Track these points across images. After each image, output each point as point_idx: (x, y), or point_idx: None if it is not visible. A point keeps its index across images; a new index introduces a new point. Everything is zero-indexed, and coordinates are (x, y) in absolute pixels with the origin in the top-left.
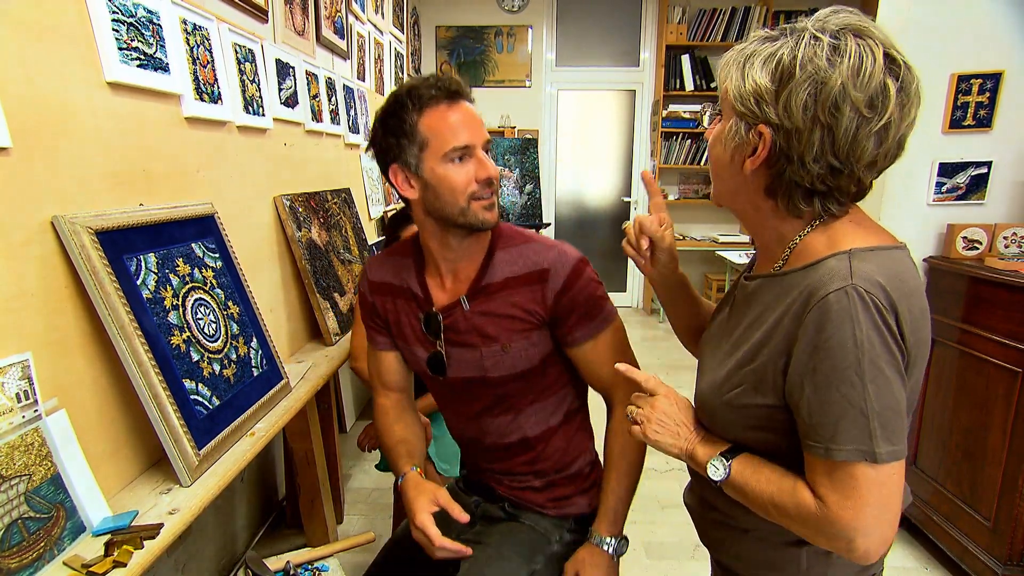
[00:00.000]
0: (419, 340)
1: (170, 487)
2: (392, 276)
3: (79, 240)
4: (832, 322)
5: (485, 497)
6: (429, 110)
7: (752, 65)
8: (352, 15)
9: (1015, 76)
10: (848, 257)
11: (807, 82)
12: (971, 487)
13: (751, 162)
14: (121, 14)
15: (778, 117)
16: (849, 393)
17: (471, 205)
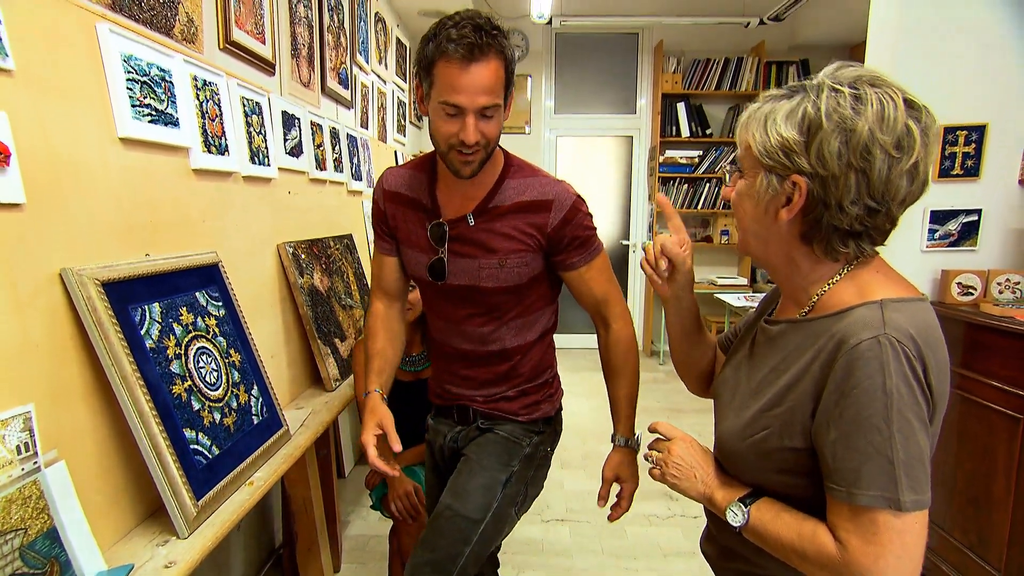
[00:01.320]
0: (424, 247)
1: (167, 538)
2: (405, 187)
3: (86, 291)
4: (862, 369)
5: (460, 420)
6: (444, 59)
7: (775, 121)
8: (356, 66)
9: (998, 128)
10: (880, 307)
11: (836, 131)
12: (979, 536)
13: (787, 212)
14: (136, 73)
15: (811, 166)
16: (875, 440)
17: (451, 153)
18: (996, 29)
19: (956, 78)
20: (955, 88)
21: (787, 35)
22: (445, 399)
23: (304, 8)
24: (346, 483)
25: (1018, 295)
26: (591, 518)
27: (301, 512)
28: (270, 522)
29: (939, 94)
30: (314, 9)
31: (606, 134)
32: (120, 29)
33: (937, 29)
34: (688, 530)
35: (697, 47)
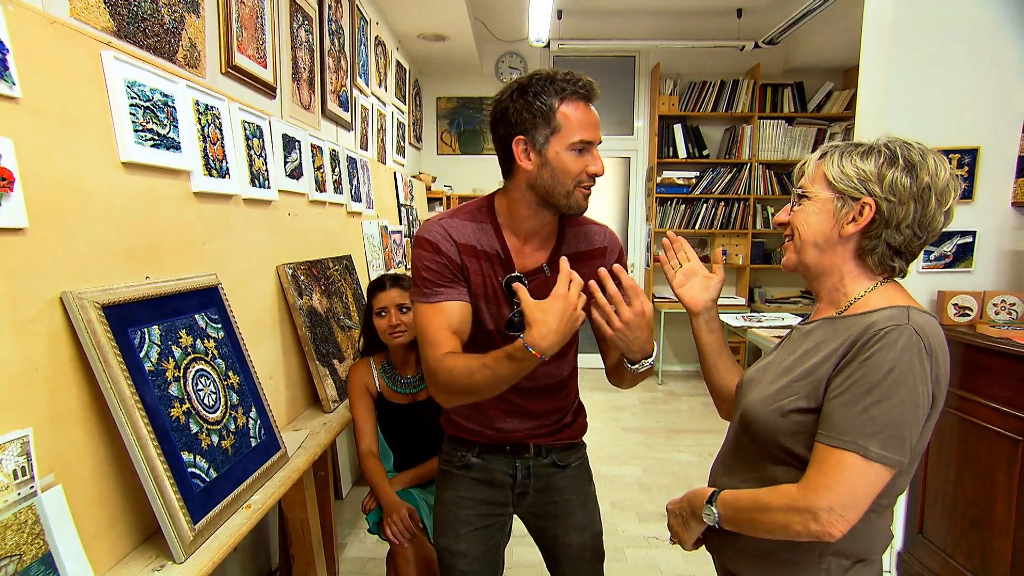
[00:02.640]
0: (500, 301)
1: (163, 563)
2: (476, 240)
3: (86, 315)
4: (878, 344)
5: (514, 452)
6: (569, 102)
7: (852, 158)
8: (356, 89)
9: (991, 152)
10: (907, 310)
11: (905, 170)
12: (982, 559)
13: (854, 226)
14: (139, 99)
15: (883, 192)
16: (865, 400)
17: (576, 190)
18: (987, 55)
19: (948, 102)
20: (948, 112)
21: (781, 58)
22: (496, 438)
23: (305, 32)
24: (344, 505)
25: (1014, 316)
26: None
27: (298, 534)
28: (266, 544)
29: (932, 118)
30: (315, 33)
31: (604, 155)
32: (125, 56)
33: (929, 54)
34: (687, 553)
35: (693, 70)
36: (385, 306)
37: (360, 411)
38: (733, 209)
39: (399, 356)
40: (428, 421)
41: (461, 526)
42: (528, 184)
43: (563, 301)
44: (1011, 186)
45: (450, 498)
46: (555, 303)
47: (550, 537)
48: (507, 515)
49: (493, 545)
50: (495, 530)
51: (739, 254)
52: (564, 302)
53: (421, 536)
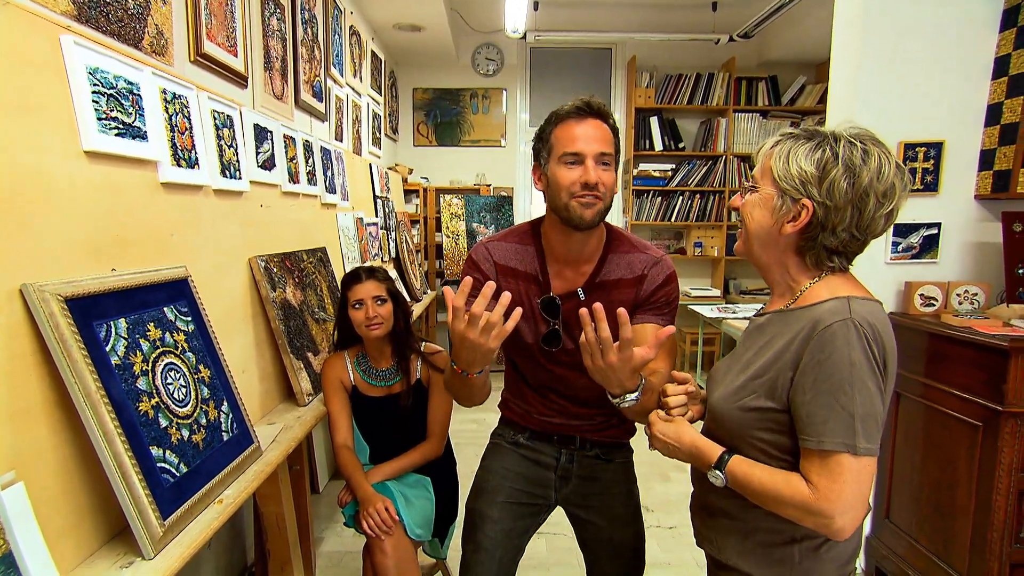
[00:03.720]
0: (536, 319)
1: (132, 560)
2: (516, 262)
3: (47, 308)
4: (832, 343)
5: (562, 443)
6: (561, 123)
7: (797, 156)
8: (331, 79)
9: (955, 145)
10: (847, 301)
11: (846, 174)
12: (944, 542)
13: (792, 226)
14: (102, 86)
15: (820, 196)
16: (840, 399)
17: (571, 202)
18: (953, 52)
19: (915, 97)
20: (914, 107)
21: (756, 52)
22: (545, 426)
23: (277, 21)
24: (320, 499)
25: (976, 306)
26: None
27: (273, 529)
28: (242, 540)
29: (899, 112)
30: (287, 22)
31: None
32: (85, 41)
33: (897, 50)
34: (664, 541)
35: (669, 63)
36: (361, 298)
37: (335, 405)
38: (709, 201)
39: (374, 349)
40: (403, 414)
41: (499, 494)
42: (549, 207)
43: (453, 330)
44: (974, 179)
45: (496, 467)
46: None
47: (591, 530)
48: (545, 503)
49: (522, 526)
50: (528, 512)
51: (714, 246)
52: (453, 330)
53: (398, 528)
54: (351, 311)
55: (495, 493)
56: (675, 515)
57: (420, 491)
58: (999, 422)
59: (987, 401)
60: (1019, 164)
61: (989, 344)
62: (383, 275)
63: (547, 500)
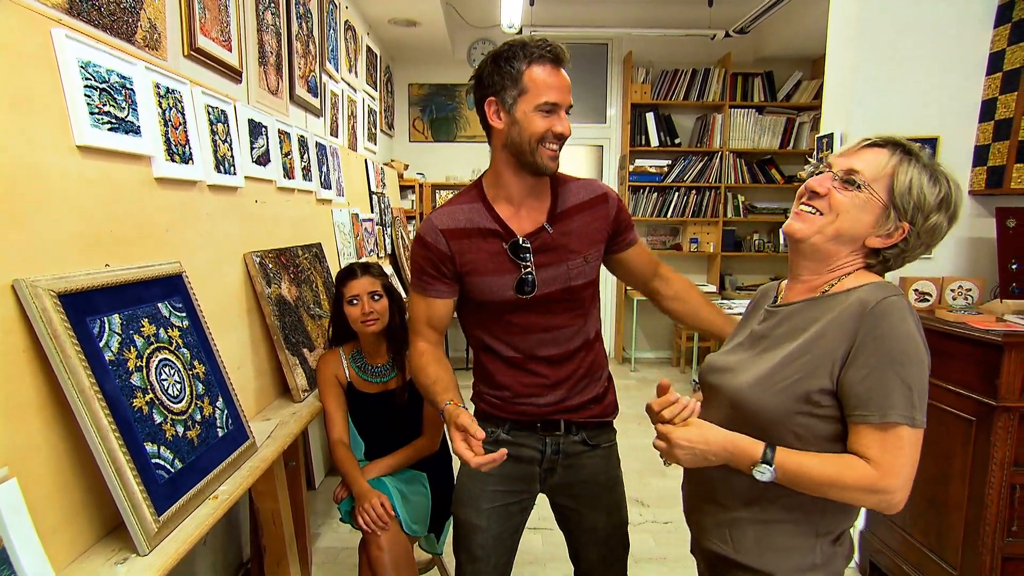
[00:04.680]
0: (504, 269)
1: (126, 556)
2: (465, 222)
3: (40, 303)
4: (888, 318)
5: (545, 429)
6: (536, 65)
7: (921, 182)
8: (326, 74)
9: (950, 141)
10: (887, 284)
11: (947, 219)
12: (937, 536)
13: (880, 241)
14: (94, 80)
15: (923, 228)
16: (901, 372)
17: (539, 149)
18: (948, 48)
19: (910, 93)
20: (909, 102)
21: (752, 48)
22: (526, 413)
23: (272, 16)
24: (316, 495)
25: (970, 301)
26: None
27: (269, 525)
28: (238, 536)
29: (894, 107)
30: (282, 17)
31: (577, 143)
32: (77, 35)
33: (892, 46)
34: (659, 536)
35: (665, 58)
36: (357, 294)
37: (330, 401)
38: (704, 197)
39: (369, 345)
40: (398, 410)
41: (483, 501)
42: (502, 144)
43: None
44: (968, 175)
45: (476, 472)
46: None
47: (575, 519)
48: (530, 496)
49: (511, 526)
50: (516, 510)
51: (710, 242)
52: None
53: (393, 524)
54: (346, 307)
55: (479, 500)
56: (671, 511)
57: (416, 487)
58: (992, 417)
59: (981, 396)
60: (1013, 160)
61: (983, 339)
62: (378, 271)
63: (532, 493)
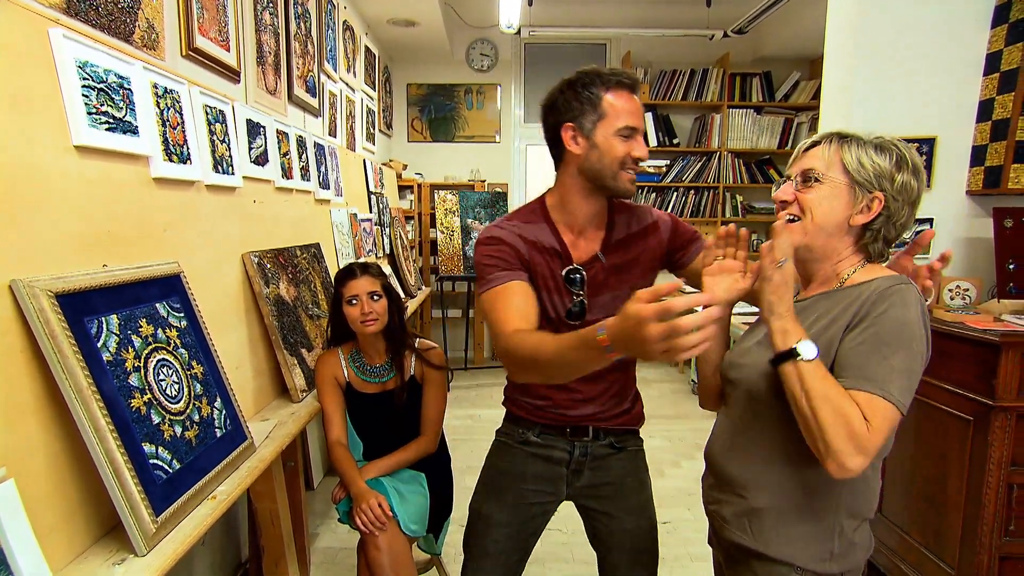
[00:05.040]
0: (560, 291)
1: (124, 557)
2: (535, 236)
3: (38, 303)
4: (890, 300)
5: (573, 435)
6: (615, 91)
7: (867, 152)
8: (324, 74)
9: (947, 141)
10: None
11: (913, 174)
12: (935, 535)
13: (862, 217)
14: (92, 80)
15: (893, 190)
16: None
17: (620, 173)
18: (945, 48)
19: (908, 93)
20: (907, 103)
21: (750, 48)
22: (556, 419)
23: (270, 16)
24: (315, 495)
25: (968, 301)
26: (561, 526)
27: (268, 525)
28: (236, 536)
29: (892, 108)
30: (280, 17)
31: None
32: (74, 35)
33: (890, 47)
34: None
35: (664, 58)
36: (356, 294)
37: (328, 401)
38: (703, 197)
39: (368, 345)
40: (397, 411)
41: (508, 495)
42: (578, 169)
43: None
44: (966, 175)
45: (505, 467)
46: (635, 322)
47: (603, 522)
48: (555, 500)
49: (531, 527)
50: (537, 512)
51: None
52: (636, 322)
53: (392, 524)
54: (346, 307)
55: (504, 494)
56: (669, 511)
57: (414, 487)
58: (990, 417)
59: (978, 396)
60: (1010, 160)
61: (980, 339)
62: (377, 271)
63: (558, 496)
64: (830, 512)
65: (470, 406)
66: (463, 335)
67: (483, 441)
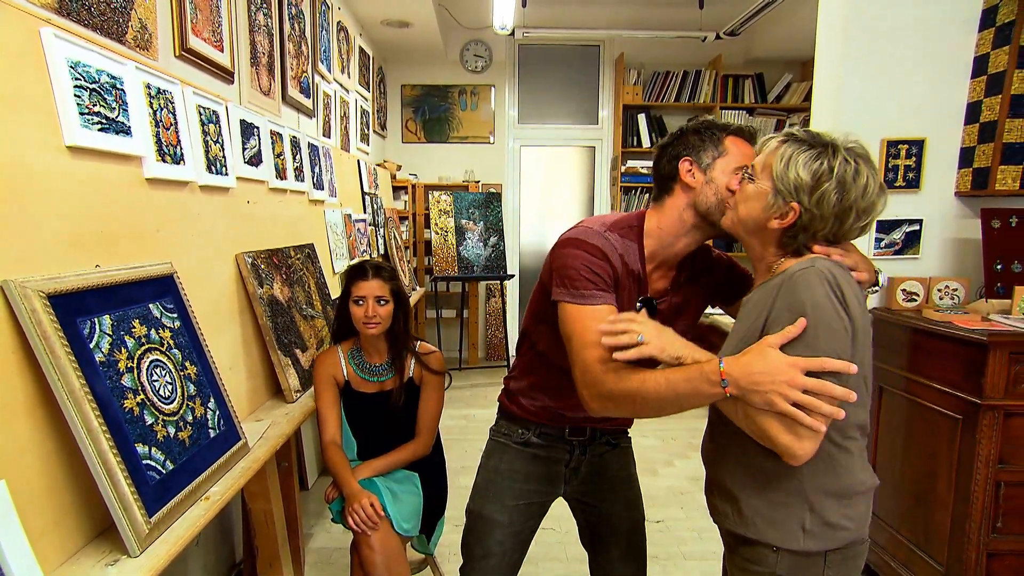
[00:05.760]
0: None
1: (117, 558)
2: (627, 256)
3: (29, 304)
4: (795, 289)
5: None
6: (735, 136)
7: (796, 162)
8: (318, 75)
9: (936, 143)
10: (812, 260)
11: (836, 189)
12: (924, 533)
13: (777, 223)
14: (84, 80)
15: (808, 204)
16: (804, 338)
17: (721, 206)
18: (934, 51)
19: (898, 95)
20: (897, 104)
21: (743, 50)
22: (557, 420)
23: (264, 16)
24: (309, 495)
25: (956, 301)
26: (555, 525)
27: (262, 525)
28: (230, 536)
29: (882, 110)
30: (274, 18)
31: (569, 144)
32: (66, 35)
33: (880, 50)
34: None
35: (657, 60)
36: (364, 296)
37: (325, 401)
38: None
39: (369, 344)
40: (395, 411)
41: (508, 497)
42: (688, 203)
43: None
44: (954, 176)
45: (505, 469)
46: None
47: (596, 515)
48: (552, 498)
49: (530, 526)
50: (535, 511)
51: None
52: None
53: (384, 524)
54: (352, 305)
55: (504, 496)
56: (661, 510)
57: (408, 486)
58: (978, 415)
59: (966, 395)
60: (998, 162)
61: (968, 338)
62: (389, 274)
63: (554, 494)
64: (795, 493)
65: (464, 406)
66: (457, 335)
67: (477, 441)
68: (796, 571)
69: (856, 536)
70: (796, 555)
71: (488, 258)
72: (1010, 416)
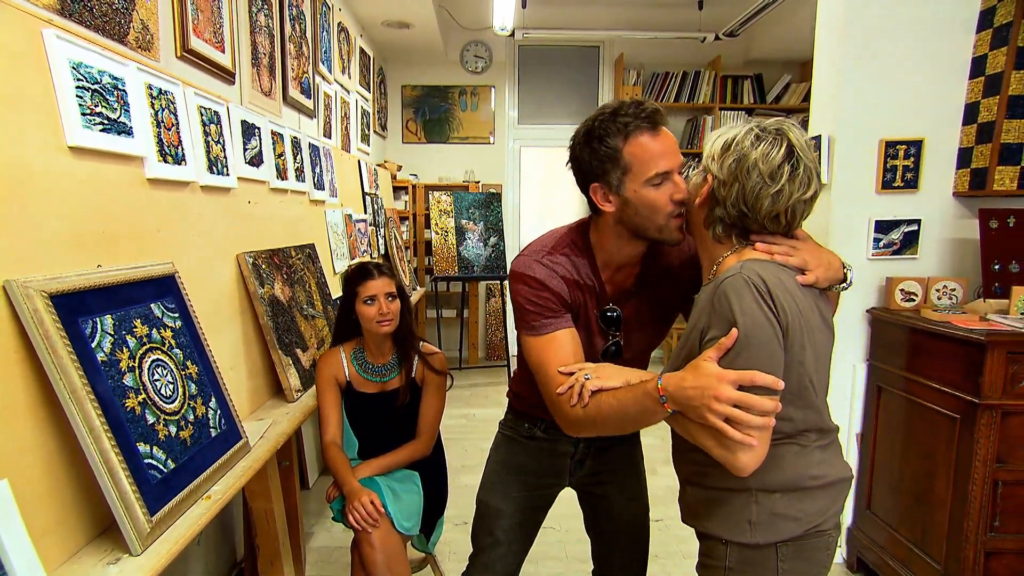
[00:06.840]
0: (595, 331)
1: (119, 556)
2: (575, 273)
3: (32, 304)
4: (724, 301)
5: None
6: (633, 138)
7: (723, 136)
8: (319, 76)
9: (934, 144)
10: (742, 263)
11: (735, 153)
12: (923, 532)
13: (698, 199)
14: (86, 81)
15: (717, 171)
16: (744, 353)
17: (670, 223)
18: (933, 53)
19: (896, 96)
20: (895, 105)
21: (742, 50)
22: None
23: (265, 17)
24: (310, 494)
25: (954, 301)
26: (555, 524)
27: (262, 524)
28: (231, 535)
29: (880, 110)
30: (275, 18)
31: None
32: (68, 36)
33: (879, 51)
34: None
35: (656, 60)
36: (374, 294)
37: (326, 401)
38: None
39: (374, 344)
40: (397, 411)
41: (513, 488)
42: (616, 220)
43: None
44: (952, 177)
45: (511, 461)
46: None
47: (602, 506)
48: (557, 490)
49: (534, 518)
50: (540, 503)
51: None
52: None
53: (385, 522)
54: (361, 306)
55: (510, 487)
56: (661, 509)
57: (408, 485)
58: (976, 414)
59: (964, 394)
60: (995, 162)
61: (966, 338)
62: (390, 271)
63: (560, 486)
64: (741, 489)
65: (464, 405)
66: (457, 335)
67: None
68: (746, 564)
69: (810, 528)
70: (745, 548)
71: (488, 258)
72: (1008, 415)
